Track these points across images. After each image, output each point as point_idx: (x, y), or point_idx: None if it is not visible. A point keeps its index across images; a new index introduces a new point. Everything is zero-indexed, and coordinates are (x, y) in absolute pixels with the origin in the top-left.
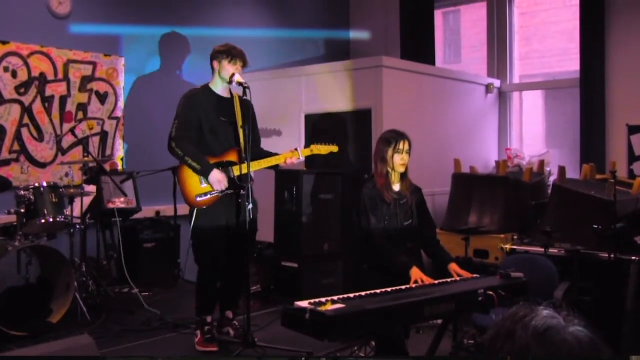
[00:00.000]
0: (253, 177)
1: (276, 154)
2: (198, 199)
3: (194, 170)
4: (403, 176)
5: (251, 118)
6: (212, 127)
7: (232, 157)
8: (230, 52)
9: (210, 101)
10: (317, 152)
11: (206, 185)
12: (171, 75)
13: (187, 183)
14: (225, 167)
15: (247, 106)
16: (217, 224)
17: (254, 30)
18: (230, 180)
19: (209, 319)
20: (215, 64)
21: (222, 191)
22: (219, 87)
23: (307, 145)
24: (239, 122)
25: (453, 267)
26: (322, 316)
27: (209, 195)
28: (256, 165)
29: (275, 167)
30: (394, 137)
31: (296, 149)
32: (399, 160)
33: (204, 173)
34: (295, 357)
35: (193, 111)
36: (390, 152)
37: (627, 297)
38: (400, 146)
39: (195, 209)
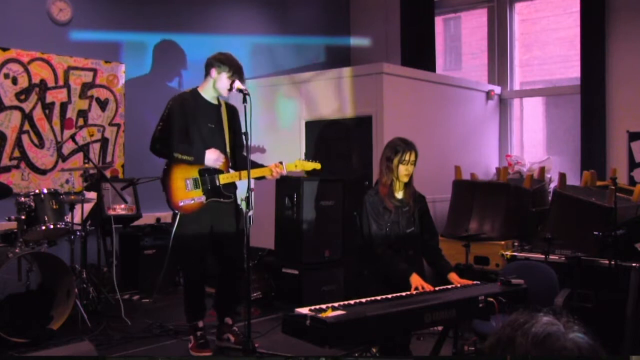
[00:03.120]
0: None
1: (261, 165)
2: (181, 203)
3: (188, 162)
4: (407, 184)
5: (238, 124)
6: (200, 133)
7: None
8: (232, 67)
9: (198, 107)
10: (301, 167)
11: (191, 190)
12: (172, 82)
13: (172, 188)
14: (211, 174)
15: (233, 112)
16: (201, 231)
17: (254, 37)
18: (215, 187)
19: (200, 324)
20: (214, 72)
21: (207, 197)
22: (208, 94)
23: (307, 156)
24: (226, 129)
25: (453, 276)
26: (322, 323)
27: (193, 201)
28: (243, 176)
29: (260, 179)
30: (402, 146)
31: (281, 163)
32: (403, 171)
33: (200, 160)
34: (295, 357)
35: (181, 116)
36: (395, 161)
37: (628, 304)
38: (407, 157)
39: (178, 215)
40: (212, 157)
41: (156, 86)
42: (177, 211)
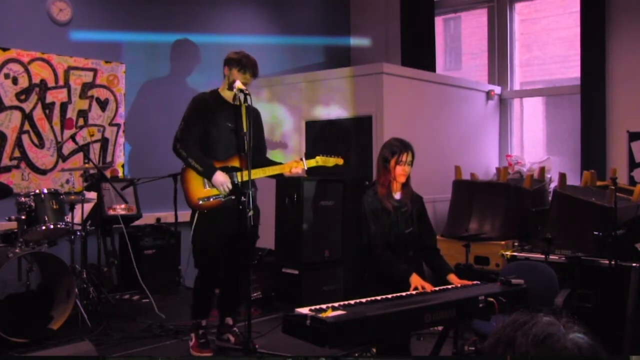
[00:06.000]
0: (257, 185)
1: (280, 163)
2: (200, 202)
3: (198, 172)
4: (404, 185)
5: (257, 126)
6: (217, 132)
7: (235, 163)
8: (242, 62)
9: (217, 106)
10: (322, 163)
11: (209, 189)
12: (171, 82)
13: (191, 186)
14: (229, 172)
15: (254, 114)
16: (218, 229)
17: (254, 37)
18: (234, 186)
19: (203, 322)
20: (227, 70)
21: (225, 196)
22: (227, 93)
23: (309, 153)
24: (245, 129)
25: (452, 277)
26: (322, 323)
27: (211, 199)
28: (260, 173)
29: (279, 176)
30: (398, 147)
31: (301, 159)
32: (400, 172)
33: (208, 175)
34: (295, 357)
35: (200, 115)
36: (392, 162)
37: (628, 304)
38: (403, 158)
39: (197, 212)
40: (219, 179)
41: (156, 86)
42: (196, 209)
